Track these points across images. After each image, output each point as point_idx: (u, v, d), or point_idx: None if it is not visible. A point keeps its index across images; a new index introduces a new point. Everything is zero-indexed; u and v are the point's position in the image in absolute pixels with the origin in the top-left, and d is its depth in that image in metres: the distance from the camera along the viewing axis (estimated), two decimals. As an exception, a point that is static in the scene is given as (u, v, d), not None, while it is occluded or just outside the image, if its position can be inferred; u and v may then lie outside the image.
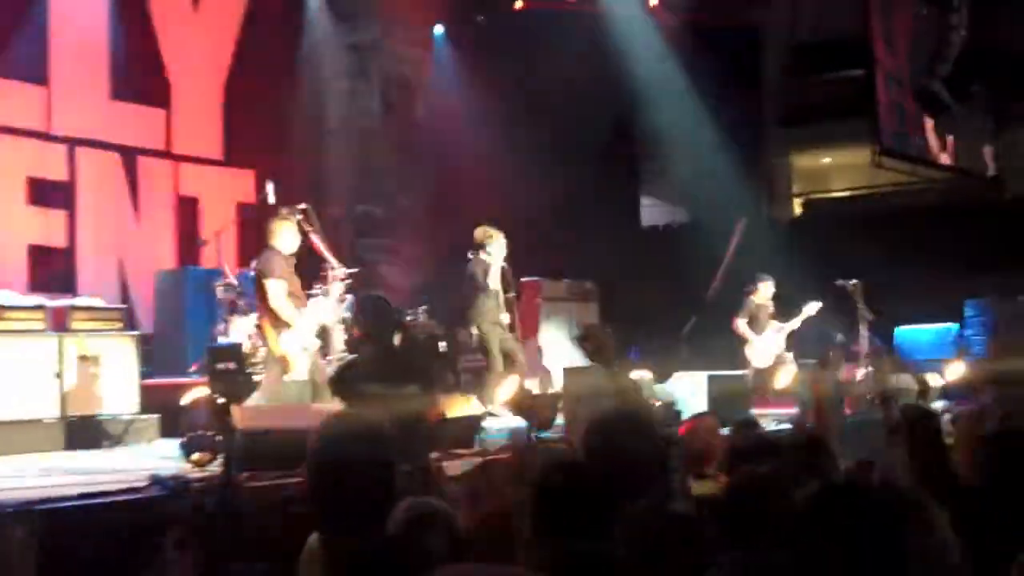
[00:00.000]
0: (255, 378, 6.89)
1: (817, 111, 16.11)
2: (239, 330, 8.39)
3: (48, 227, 10.10)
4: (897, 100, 14.33)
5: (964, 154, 15.35)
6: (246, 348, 7.54)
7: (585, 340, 6.58)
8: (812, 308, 10.50)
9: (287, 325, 7.12)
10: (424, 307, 11.20)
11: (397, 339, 5.08)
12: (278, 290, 7.16)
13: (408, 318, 9.33)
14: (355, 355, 7.24)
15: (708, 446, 3.97)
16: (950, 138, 15.21)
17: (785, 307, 10.87)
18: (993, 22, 12.15)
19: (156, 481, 5.27)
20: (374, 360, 5.07)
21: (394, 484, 2.47)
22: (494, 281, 8.96)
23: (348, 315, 5.05)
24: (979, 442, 3.40)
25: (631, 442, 2.78)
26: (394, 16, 13.58)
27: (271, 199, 8.33)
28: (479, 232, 9.04)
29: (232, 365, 4.45)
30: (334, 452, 2.46)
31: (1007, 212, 15.45)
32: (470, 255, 9.03)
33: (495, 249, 8.99)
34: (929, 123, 14.65)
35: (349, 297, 8.01)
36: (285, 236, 7.40)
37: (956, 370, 10.23)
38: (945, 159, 15.31)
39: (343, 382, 4.99)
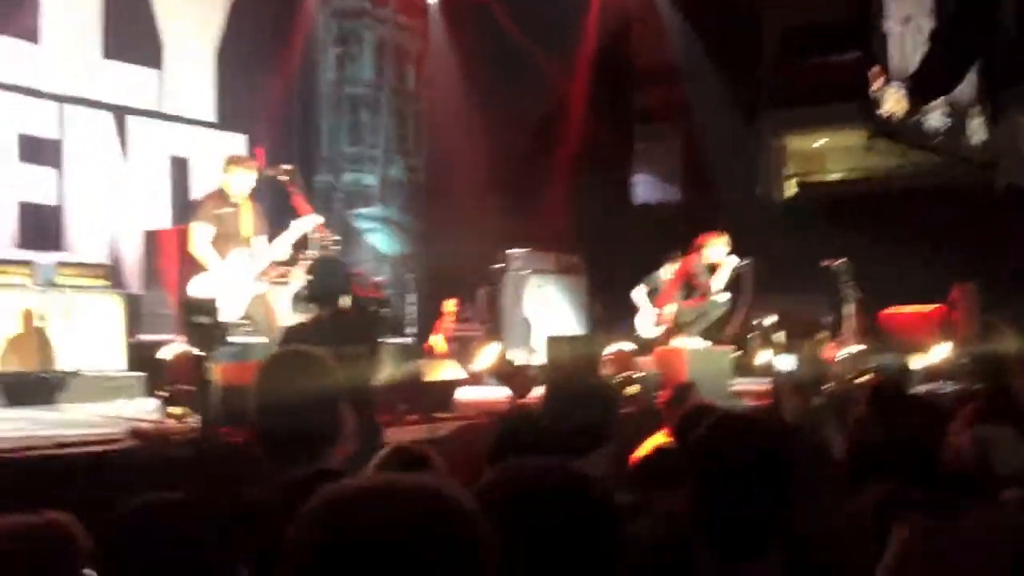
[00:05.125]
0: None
1: (812, 93, 16.08)
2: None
3: (39, 184, 10.07)
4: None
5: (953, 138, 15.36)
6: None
7: None
8: None
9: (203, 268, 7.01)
10: (412, 275, 11.26)
11: (346, 301, 5.06)
12: (197, 233, 7.07)
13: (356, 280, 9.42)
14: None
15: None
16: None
17: (778, 286, 10.89)
18: (989, 4, 12.12)
19: (135, 433, 5.33)
20: (321, 322, 5.09)
21: (339, 416, 2.51)
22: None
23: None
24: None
25: (582, 404, 2.96)
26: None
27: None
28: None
29: (206, 319, 4.47)
30: (276, 384, 2.50)
31: (998, 198, 15.49)
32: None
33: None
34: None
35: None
36: (233, 180, 7.22)
37: (940, 352, 10.27)
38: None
39: (289, 343, 5.04)
